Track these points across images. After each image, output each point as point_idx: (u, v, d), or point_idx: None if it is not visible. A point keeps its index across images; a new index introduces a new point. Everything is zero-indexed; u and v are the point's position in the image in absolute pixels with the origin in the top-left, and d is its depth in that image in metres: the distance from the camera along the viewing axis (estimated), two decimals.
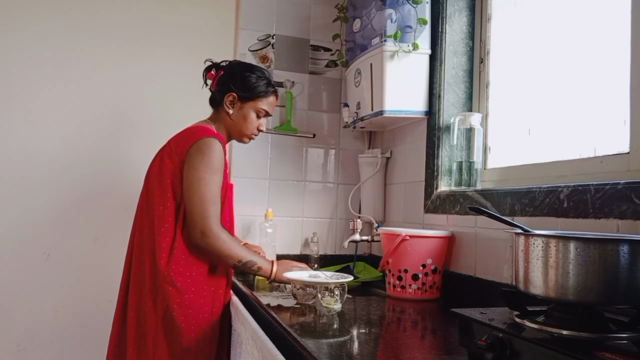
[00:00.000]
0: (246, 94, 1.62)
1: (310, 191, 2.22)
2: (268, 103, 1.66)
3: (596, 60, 1.31)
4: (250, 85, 1.62)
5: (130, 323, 1.49)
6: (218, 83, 1.64)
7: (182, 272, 1.47)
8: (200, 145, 1.49)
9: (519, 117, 1.58)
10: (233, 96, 1.61)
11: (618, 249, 0.77)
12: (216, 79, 1.65)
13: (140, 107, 2.09)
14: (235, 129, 1.65)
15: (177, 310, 1.45)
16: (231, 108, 1.62)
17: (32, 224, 1.96)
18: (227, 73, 1.64)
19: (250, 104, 1.63)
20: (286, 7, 2.22)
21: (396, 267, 1.58)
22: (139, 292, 1.50)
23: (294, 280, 1.44)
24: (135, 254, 1.53)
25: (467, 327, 0.89)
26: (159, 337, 1.46)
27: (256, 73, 1.64)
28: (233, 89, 1.61)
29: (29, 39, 1.97)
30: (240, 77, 1.61)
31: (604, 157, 1.22)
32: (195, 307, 1.48)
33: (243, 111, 1.63)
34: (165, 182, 1.51)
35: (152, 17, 2.11)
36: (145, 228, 1.52)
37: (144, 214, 1.54)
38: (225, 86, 1.62)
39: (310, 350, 0.97)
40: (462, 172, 1.65)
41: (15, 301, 1.93)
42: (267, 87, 1.64)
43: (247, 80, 1.62)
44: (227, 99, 1.62)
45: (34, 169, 1.97)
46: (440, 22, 1.77)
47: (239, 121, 1.63)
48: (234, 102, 1.62)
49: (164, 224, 1.48)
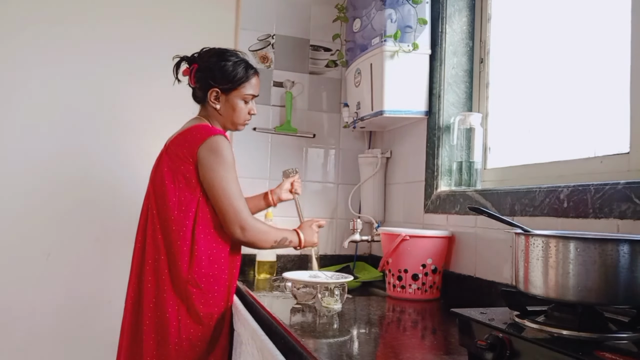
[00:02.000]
0: (228, 85, 1.58)
1: (310, 191, 2.22)
2: (252, 86, 1.62)
3: (596, 60, 1.31)
4: (230, 75, 1.57)
5: (147, 331, 1.46)
6: (196, 79, 1.60)
7: (204, 274, 1.49)
8: (210, 146, 1.49)
9: (519, 117, 1.58)
10: (216, 91, 1.58)
11: (618, 249, 0.77)
12: (193, 74, 1.60)
13: (140, 107, 2.09)
14: (228, 120, 1.63)
15: (203, 309, 1.47)
16: (217, 103, 1.59)
17: (32, 224, 1.96)
18: (202, 68, 1.59)
19: (234, 93, 1.59)
20: (286, 7, 2.22)
21: (396, 267, 1.58)
22: (156, 298, 1.47)
23: (296, 281, 1.44)
24: (149, 260, 1.50)
25: (467, 327, 0.89)
26: (182, 342, 1.45)
27: (231, 59, 1.59)
28: (214, 85, 1.57)
29: (28, 40, 1.97)
30: (217, 70, 1.57)
31: (604, 157, 1.22)
32: (219, 305, 1.51)
33: (230, 102, 1.60)
34: (179, 185, 1.50)
35: (152, 17, 2.11)
36: (158, 233, 1.50)
37: (155, 219, 1.51)
38: (205, 82, 1.58)
39: (310, 350, 0.97)
40: (462, 172, 1.65)
41: (15, 301, 1.93)
42: (246, 71, 1.60)
43: (224, 70, 1.57)
44: (210, 96, 1.59)
45: (34, 169, 1.97)
46: (440, 22, 1.77)
47: (229, 113, 1.61)
48: (218, 96, 1.59)
49: (182, 227, 1.48)
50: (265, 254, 1.96)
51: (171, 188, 1.50)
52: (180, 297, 1.47)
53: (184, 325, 1.46)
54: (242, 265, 2.00)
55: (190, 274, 1.47)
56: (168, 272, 1.48)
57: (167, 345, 1.45)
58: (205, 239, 1.50)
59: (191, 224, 1.49)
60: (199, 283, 1.47)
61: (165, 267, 1.48)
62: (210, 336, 1.50)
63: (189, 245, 1.48)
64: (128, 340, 1.51)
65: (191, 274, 1.47)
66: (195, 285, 1.47)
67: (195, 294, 1.47)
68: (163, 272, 1.48)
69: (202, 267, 1.48)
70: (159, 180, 1.53)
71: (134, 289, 1.53)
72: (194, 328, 1.47)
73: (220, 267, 1.52)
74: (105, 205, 2.04)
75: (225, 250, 1.54)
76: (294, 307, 1.41)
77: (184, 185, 1.50)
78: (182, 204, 1.49)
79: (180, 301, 1.47)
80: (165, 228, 1.49)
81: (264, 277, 1.94)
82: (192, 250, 1.48)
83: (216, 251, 1.52)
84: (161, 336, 1.45)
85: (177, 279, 1.47)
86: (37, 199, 1.97)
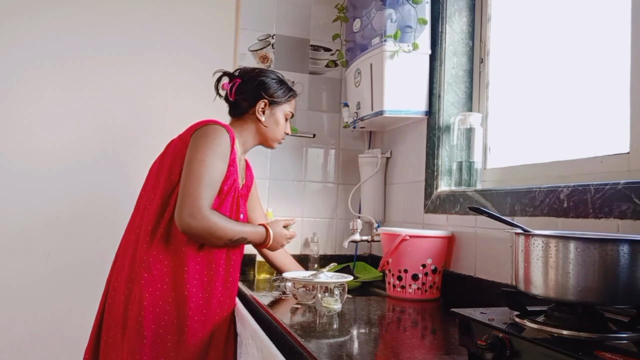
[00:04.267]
0: (276, 100, 1.64)
1: (310, 191, 2.22)
2: (292, 105, 1.71)
3: (596, 60, 1.31)
4: (278, 90, 1.64)
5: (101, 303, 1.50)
6: (241, 91, 1.62)
7: (160, 260, 1.42)
8: (206, 130, 1.47)
9: (519, 117, 1.58)
10: (265, 102, 1.62)
11: (618, 249, 0.77)
12: (234, 88, 1.63)
13: (140, 107, 2.09)
14: (268, 134, 1.65)
15: (148, 298, 1.39)
16: (263, 115, 1.62)
17: (32, 224, 1.96)
18: (251, 80, 1.63)
19: (280, 108, 1.65)
20: (286, 7, 2.22)
21: (396, 267, 1.58)
22: (118, 273, 1.47)
23: (296, 281, 1.44)
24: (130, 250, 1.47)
25: (467, 327, 0.89)
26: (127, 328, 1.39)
27: (276, 78, 1.67)
28: (264, 96, 1.61)
29: (28, 41, 1.97)
30: (268, 84, 1.63)
31: (604, 157, 1.22)
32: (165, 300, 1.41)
33: (275, 116, 1.64)
34: (162, 170, 1.49)
35: (152, 16, 2.11)
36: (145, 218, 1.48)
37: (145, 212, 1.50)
38: (255, 93, 1.61)
39: (310, 350, 0.97)
40: (462, 172, 1.65)
41: (15, 301, 1.93)
42: (290, 90, 1.68)
43: (273, 86, 1.63)
44: (258, 107, 1.61)
45: (34, 169, 1.97)
46: (440, 22, 1.77)
47: (272, 126, 1.65)
48: (265, 108, 1.63)
49: (148, 211, 1.46)
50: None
51: (155, 175, 1.51)
52: (134, 281, 1.41)
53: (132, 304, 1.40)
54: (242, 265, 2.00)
55: (146, 255, 1.41)
56: (133, 253, 1.45)
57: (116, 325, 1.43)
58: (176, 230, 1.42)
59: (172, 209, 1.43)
60: (151, 268, 1.40)
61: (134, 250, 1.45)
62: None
63: (162, 232, 1.43)
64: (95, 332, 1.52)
65: (147, 256, 1.41)
66: (148, 269, 1.40)
67: (145, 279, 1.40)
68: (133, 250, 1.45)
69: (160, 252, 1.42)
70: (151, 172, 1.55)
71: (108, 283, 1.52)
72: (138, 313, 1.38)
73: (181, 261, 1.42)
74: (106, 205, 2.04)
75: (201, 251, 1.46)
76: (294, 307, 1.41)
77: (168, 167, 1.48)
78: (158, 186, 1.49)
79: (132, 285, 1.41)
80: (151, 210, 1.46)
81: (264, 277, 1.94)
82: (159, 235, 1.42)
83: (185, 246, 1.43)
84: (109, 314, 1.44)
85: (135, 260, 1.43)
86: (37, 199, 1.97)
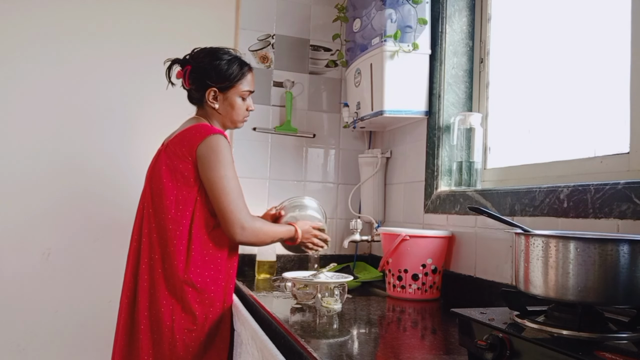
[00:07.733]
0: (225, 84, 1.58)
1: (310, 191, 2.22)
2: (248, 82, 1.63)
3: (596, 60, 1.31)
4: (225, 73, 1.57)
5: (144, 330, 1.46)
6: (191, 80, 1.59)
7: (200, 274, 1.48)
8: (209, 145, 1.49)
9: (519, 117, 1.58)
10: (214, 91, 1.58)
11: (618, 249, 0.77)
12: (187, 75, 1.59)
13: (140, 106, 2.09)
14: (227, 119, 1.63)
15: (198, 309, 1.47)
16: (215, 102, 1.60)
17: (32, 223, 1.96)
18: (196, 68, 1.58)
19: (232, 91, 1.60)
20: (286, 7, 2.22)
21: (396, 267, 1.58)
22: (151, 297, 1.47)
23: (296, 281, 1.44)
24: (145, 259, 1.50)
25: (467, 327, 0.89)
26: (175, 342, 1.45)
27: (225, 57, 1.59)
28: (211, 85, 1.57)
29: (28, 38, 1.97)
30: (213, 69, 1.57)
31: (604, 157, 1.22)
32: (215, 305, 1.51)
33: (228, 101, 1.60)
34: (177, 184, 1.50)
35: (152, 16, 2.11)
36: (154, 232, 1.50)
37: (151, 218, 1.51)
38: (201, 83, 1.58)
39: (310, 350, 0.97)
40: (462, 172, 1.65)
41: (15, 301, 1.93)
42: (241, 68, 1.61)
43: (220, 69, 1.57)
44: (208, 96, 1.58)
45: (34, 168, 1.97)
46: (440, 22, 1.77)
47: (228, 111, 1.62)
48: (216, 95, 1.59)
49: (179, 227, 1.48)
50: (266, 254, 1.96)
51: (169, 187, 1.50)
52: (175, 296, 1.46)
53: (178, 325, 1.45)
54: (242, 265, 2.01)
55: (186, 273, 1.46)
56: (162, 271, 1.47)
57: (162, 344, 1.45)
58: (202, 239, 1.50)
59: (188, 223, 1.49)
60: (194, 283, 1.47)
61: (159, 266, 1.48)
62: (205, 337, 1.49)
63: (186, 244, 1.48)
64: (123, 340, 1.50)
65: (187, 274, 1.46)
66: (191, 285, 1.47)
67: (190, 293, 1.46)
68: (157, 271, 1.47)
69: (198, 267, 1.48)
70: (157, 178, 1.53)
71: (129, 288, 1.52)
72: (188, 328, 1.47)
73: (216, 267, 1.52)
74: (106, 205, 2.04)
75: (222, 251, 1.54)
76: (294, 307, 1.41)
77: (182, 183, 1.50)
78: (180, 203, 1.49)
79: (175, 300, 1.46)
80: (162, 227, 1.49)
81: (264, 277, 1.94)
82: (188, 250, 1.48)
83: (213, 251, 1.52)
84: (157, 335, 1.45)
85: (173, 278, 1.46)
86: (37, 199, 1.97)
